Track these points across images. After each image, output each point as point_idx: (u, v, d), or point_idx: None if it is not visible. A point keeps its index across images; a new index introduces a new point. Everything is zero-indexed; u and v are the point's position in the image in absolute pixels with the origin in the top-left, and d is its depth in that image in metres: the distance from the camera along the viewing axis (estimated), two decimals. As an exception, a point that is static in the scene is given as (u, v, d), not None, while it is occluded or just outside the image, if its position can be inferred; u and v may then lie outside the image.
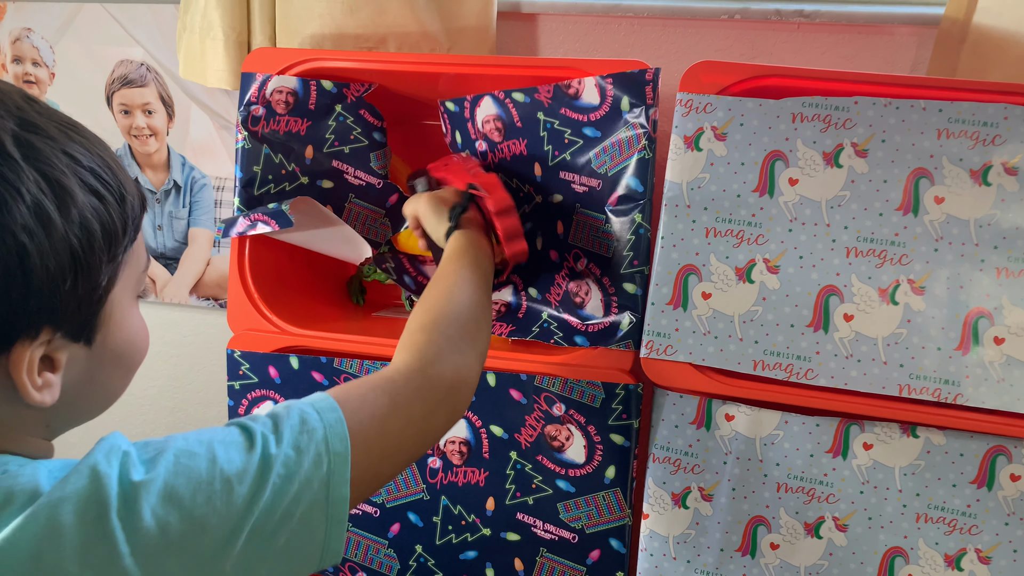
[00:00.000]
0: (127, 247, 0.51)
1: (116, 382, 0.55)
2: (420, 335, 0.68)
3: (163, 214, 1.34)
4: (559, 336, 0.90)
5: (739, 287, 0.84)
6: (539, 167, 0.92)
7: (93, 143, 0.50)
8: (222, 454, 0.49)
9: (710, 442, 0.87)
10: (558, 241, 0.92)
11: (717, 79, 0.85)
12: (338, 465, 0.53)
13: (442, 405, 0.64)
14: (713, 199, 0.84)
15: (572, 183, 0.90)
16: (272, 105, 0.96)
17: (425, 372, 0.64)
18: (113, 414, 1.52)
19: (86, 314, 0.49)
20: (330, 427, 0.54)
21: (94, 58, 1.27)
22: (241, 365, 0.98)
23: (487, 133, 0.93)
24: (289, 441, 0.52)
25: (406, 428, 0.60)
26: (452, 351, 0.68)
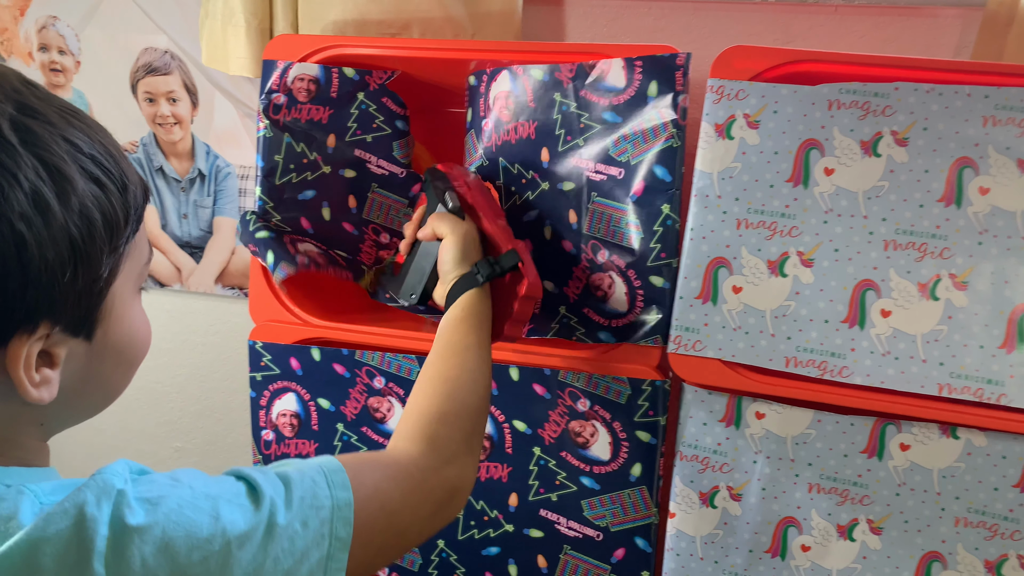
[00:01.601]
0: (129, 238, 0.49)
1: (116, 379, 0.54)
2: (441, 427, 0.66)
3: (188, 203, 1.33)
4: (581, 332, 0.88)
5: (771, 281, 0.81)
6: (547, 152, 0.90)
7: (94, 130, 0.48)
8: (226, 514, 0.47)
9: (739, 440, 0.84)
10: (571, 231, 0.89)
11: (750, 64, 0.82)
12: (337, 551, 0.52)
13: (446, 508, 0.64)
14: (745, 189, 0.81)
15: (586, 170, 0.87)
16: (294, 93, 0.94)
17: (440, 472, 0.63)
18: (140, 402, 1.53)
19: (86, 307, 0.47)
20: (338, 508, 0.53)
21: (119, 46, 1.26)
22: (263, 356, 0.97)
23: (496, 111, 0.91)
24: (298, 513, 0.51)
25: (410, 526, 0.60)
26: (467, 452, 0.67)
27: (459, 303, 0.76)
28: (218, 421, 1.54)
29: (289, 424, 0.98)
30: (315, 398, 0.97)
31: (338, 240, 0.97)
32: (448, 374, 0.70)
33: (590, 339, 0.87)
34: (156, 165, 1.32)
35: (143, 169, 1.33)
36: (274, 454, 1.00)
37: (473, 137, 0.92)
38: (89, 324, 0.48)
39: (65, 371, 0.48)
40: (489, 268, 0.78)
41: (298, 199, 0.95)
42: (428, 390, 0.69)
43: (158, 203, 1.35)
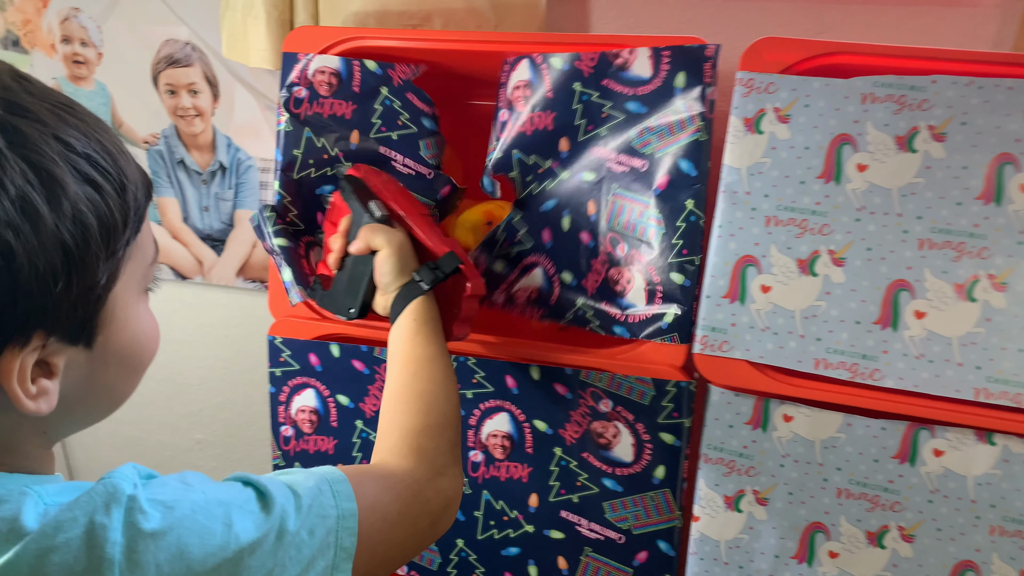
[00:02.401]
0: (129, 240, 0.47)
1: (121, 385, 0.52)
2: (427, 440, 0.66)
3: (209, 195, 1.33)
4: (596, 324, 0.86)
5: (801, 280, 0.79)
6: (567, 142, 0.87)
7: (91, 126, 0.46)
8: (238, 521, 0.47)
9: (766, 444, 0.82)
10: (589, 223, 0.87)
11: (780, 57, 0.79)
12: (342, 561, 0.52)
13: (441, 519, 0.64)
14: (774, 186, 0.79)
15: (608, 161, 0.85)
16: (315, 87, 0.93)
17: (434, 484, 0.63)
18: (163, 394, 1.53)
19: (84, 315, 0.45)
20: (343, 518, 0.53)
21: (140, 38, 1.26)
22: (282, 352, 0.96)
23: (513, 100, 0.89)
24: (306, 521, 0.51)
25: (409, 538, 0.60)
26: (453, 462, 0.68)
27: (409, 313, 0.75)
28: (239, 414, 1.54)
29: (308, 420, 0.97)
30: (334, 394, 0.96)
31: None
32: (421, 388, 0.70)
33: (604, 331, 0.86)
34: (177, 158, 1.32)
35: (164, 162, 1.33)
36: (293, 450, 0.99)
37: (497, 129, 0.90)
38: (88, 332, 0.46)
39: (65, 380, 0.46)
40: (432, 274, 0.77)
41: (316, 195, 0.94)
42: (404, 406, 0.69)
43: (179, 195, 1.34)
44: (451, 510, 0.65)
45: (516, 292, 0.90)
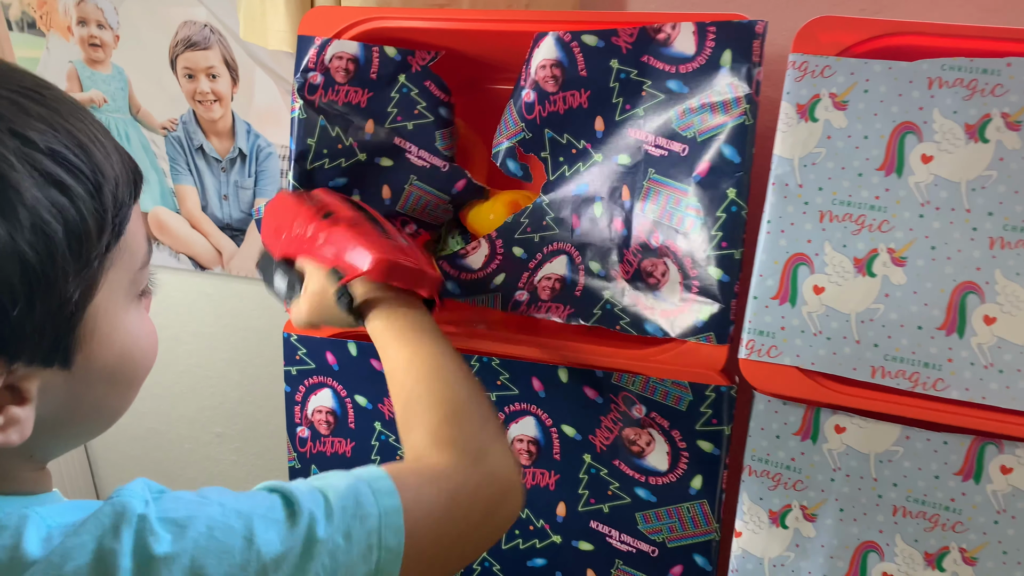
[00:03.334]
0: (109, 246, 0.41)
1: (112, 401, 0.46)
2: (453, 429, 0.59)
3: (229, 183, 1.29)
4: (625, 322, 0.80)
5: (858, 281, 0.72)
6: (602, 121, 0.81)
7: (62, 113, 0.40)
8: (261, 533, 0.42)
9: (816, 456, 0.76)
10: (624, 210, 0.81)
11: (837, 37, 0.72)
12: (388, 563, 0.47)
13: (500, 506, 0.57)
14: (830, 178, 0.73)
15: (644, 143, 0.79)
16: (331, 73, 0.88)
17: (478, 470, 0.57)
18: (182, 386, 1.50)
19: (54, 337, 0.40)
20: (386, 515, 0.47)
21: (157, 19, 1.21)
22: (298, 350, 0.92)
23: (539, 81, 0.82)
24: (339, 525, 0.45)
25: (464, 534, 0.54)
26: (493, 439, 0.61)
27: (383, 342, 0.69)
28: (259, 408, 1.51)
29: (325, 421, 0.93)
30: (352, 395, 0.91)
31: None
32: (427, 383, 0.63)
33: (634, 330, 0.80)
34: (196, 144, 1.28)
35: (183, 149, 1.29)
36: (309, 452, 0.94)
37: (512, 109, 0.84)
38: (64, 352, 0.41)
39: (43, 404, 0.40)
40: (344, 302, 0.71)
41: (329, 186, 0.89)
42: (417, 407, 0.62)
43: (198, 183, 1.30)
44: (511, 495, 0.58)
45: (539, 281, 0.85)
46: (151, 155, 1.31)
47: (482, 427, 0.61)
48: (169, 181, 1.32)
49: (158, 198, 1.34)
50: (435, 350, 0.66)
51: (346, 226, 0.73)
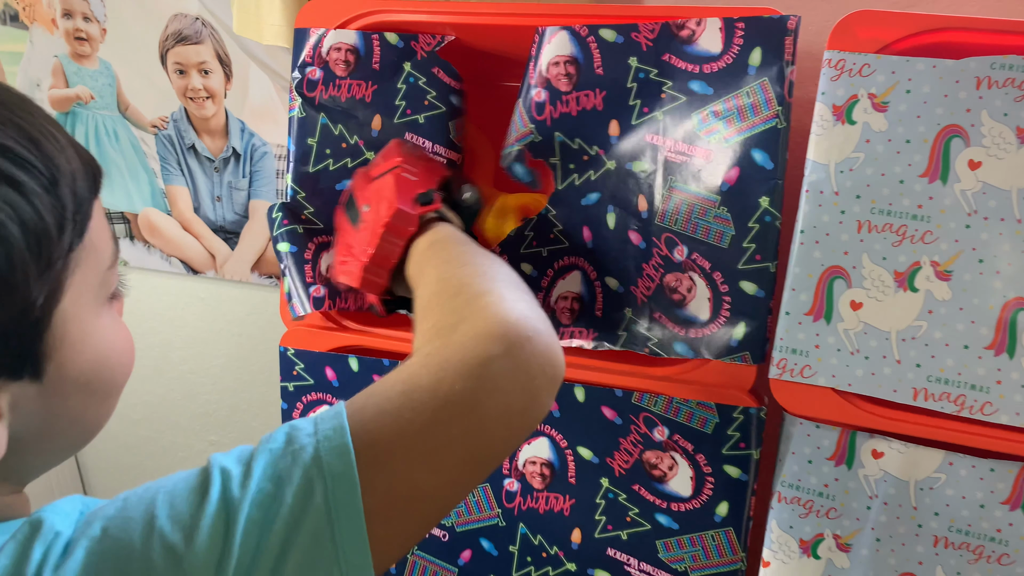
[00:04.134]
0: (72, 245, 0.38)
1: (91, 412, 0.43)
2: (424, 315, 0.49)
3: (222, 184, 1.23)
4: (654, 343, 0.75)
5: (899, 296, 0.67)
6: (617, 125, 0.76)
7: (8, 106, 0.37)
8: (164, 511, 0.36)
9: (851, 482, 0.71)
10: (640, 221, 0.76)
11: (877, 33, 0.67)
12: (340, 492, 0.37)
13: (489, 372, 0.41)
14: (868, 185, 0.67)
15: (664, 149, 0.74)
16: (330, 66, 0.82)
17: (449, 339, 0.43)
18: (175, 393, 1.44)
19: (21, 346, 0.37)
20: (324, 440, 0.38)
21: (146, 12, 1.15)
22: (295, 365, 0.86)
23: (551, 79, 0.77)
24: (264, 470, 0.37)
25: (435, 423, 0.39)
26: (474, 300, 0.46)
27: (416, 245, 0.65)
28: (254, 416, 1.45)
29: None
30: (353, 413, 0.86)
31: None
32: (437, 287, 0.52)
33: (664, 351, 0.74)
34: (188, 143, 1.22)
35: (174, 148, 1.23)
36: (308, 472, 0.89)
37: (521, 109, 0.79)
38: (33, 362, 0.38)
39: (16, 419, 0.38)
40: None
41: (336, 189, 0.84)
42: (421, 315, 0.51)
43: (190, 184, 1.25)
44: (510, 352, 0.41)
45: (555, 302, 0.79)
46: (141, 154, 1.25)
47: (457, 294, 0.48)
48: (160, 181, 1.26)
49: (148, 199, 1.28)
50: (439, 260, 0.58)
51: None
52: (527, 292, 0.50)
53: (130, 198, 1.29)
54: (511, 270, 0.54)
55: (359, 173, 0.77)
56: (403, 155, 0.75)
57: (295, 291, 0.82)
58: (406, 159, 0.74)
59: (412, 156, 0.76)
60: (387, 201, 0.67)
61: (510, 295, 0.46)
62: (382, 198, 0.68)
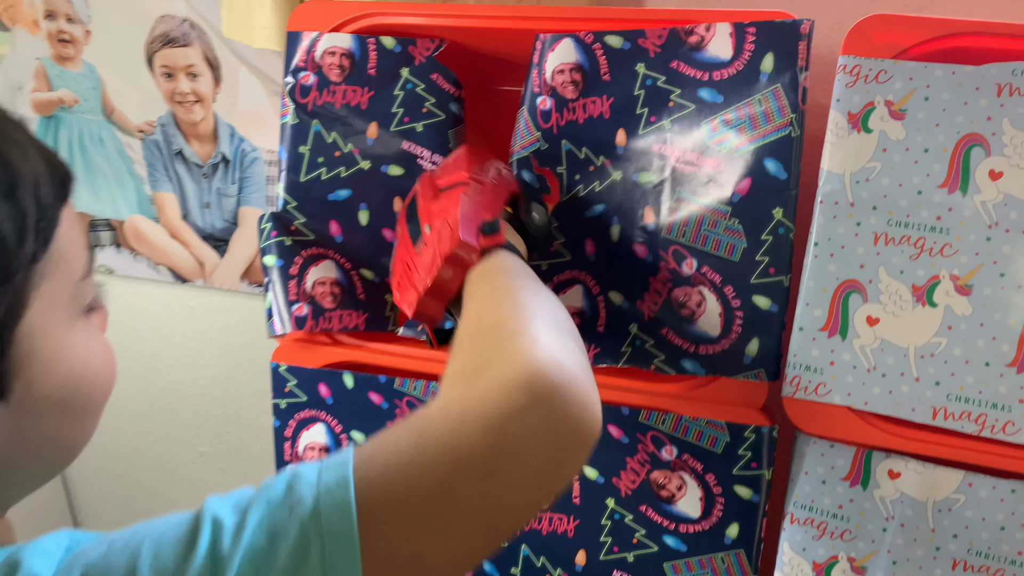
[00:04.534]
0: (36, 255, 0.36)
1: (67, 432, 0.40)
2: (453, 359, 0.45)
3: (211, 191, 1.20)
4: (660, 359, 0.72)
5: (917, 311, 0.65)
6: (624, 135, 0.73)
7: None
8: (148, 561, 0.33)
9: (866, 503, 0.69)
10: (646, 233, 0.73)
11: (893, 38, 0.65)
12: (338, 554, 0.33)
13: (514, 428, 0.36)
14: (885, 196, 0.65)
15: (672, 159, 0.71)
16: (324, 71, 0.79)
17: (471, 386, 0.39)
18: (163, 404, 1.40)
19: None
20: (326, 493, 0.34)
21: (133, 13, 1.12)
22: (287, 381, 0.83)
23: (557, 87, 0.74)
24: (260, 521, 0.34)
25: (448, 481, 0.35)
26: (504, 342, 0.41)
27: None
28: (244, 427, 1.42)
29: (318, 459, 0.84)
30: (348, 431, 0.83)
31: (371, 251, 0.81)
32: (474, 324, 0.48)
33: (672, 368, 0.72)
34: (175, 148, 1.19)
35: (161, 154, 1.20)
36: (301, 491, 0.86)
37: (526, 116, 0.76)
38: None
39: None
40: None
41: (328, 199, 0.80)
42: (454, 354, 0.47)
43: (178, 190, 1.21)
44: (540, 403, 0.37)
45: None
46: (127, 160, 1.22)
47: (490, 334, 0.43)
48: (147, 188, 1.23)
49: (135, 206, 1.25)
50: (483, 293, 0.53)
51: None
52: (570, 334, 0.45)
53: (116, 205, 1.26)
54: (559, 307, 0.50)
55: (425, 178, 0.71)
56: (471, 168, 0.70)
57: (276, 307, 0.79)
58: (474, 173, 0.69)
59: (481, 169, 0.71)
60: (450, 229, 0.61)
61: (546, 337, 0.41)
62: (445, 223, 0.62)
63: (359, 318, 0.80)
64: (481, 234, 0.60)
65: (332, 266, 0.80)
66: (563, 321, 0.47)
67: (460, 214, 0.62)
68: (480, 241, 0.60)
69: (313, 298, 0.79)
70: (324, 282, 0.80)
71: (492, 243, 0.60)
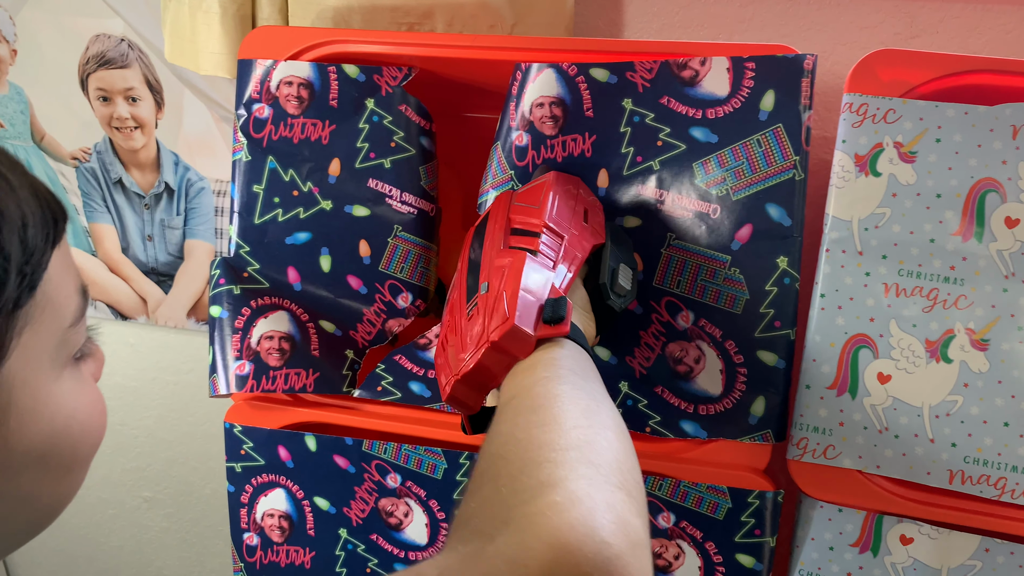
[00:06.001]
0: (20, 301, 0.33)
1: (48, 488, 0.37)
2: (465, 502, 0.37)
3: (153, 222, 1.11)
4: (656, 421, 0.67)
5: (931, 367, 0.60)
6: (606, 175, 0.68)
7: None
8: None
9: (877, 570, 0.64)
10: None
11: (901, 75, 0.61)
12: None
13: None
14: (896, 244, 0.60)
15: (659, 201, 0.66)
16: (281, 102, 0.72)
17: (486, 549, 0.31)
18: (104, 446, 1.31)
19: None
20: None
21: (64, 31, 1.03)
22: (243, 443, 0.76)
23: (535, 121, 0.68)
24: None
25: None
26: (535, 494, 0.33)
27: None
28: (193, 470, 1.33)
29: (278, 527, 0.77)
30: (310, 496, 0.75)
31: (333, 301, 0.74)
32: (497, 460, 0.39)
33: (669, 431, 0.66)
34: (114, 177, 1.09)
35: (98, 183, 1.10)
36: (259, 561, 0.78)
37: (499, 153, 0.70)
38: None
39: None
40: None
41: (286, 243, 0.73)
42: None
43: (117, 222, 1.12)
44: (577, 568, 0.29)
45: None
46: (60, 189, 1.12)
47: (519, 473, 0.35)
48: (82, 219, 1.13)
49: (70, 238, 1.15)
50: (523, 401, 0.43)
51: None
52: (628, 483, 0.36)
53: (48, 237, 1.15)
54: (620, 435, 0.40)
55: (503, 201, 0.61)
56: (553, 206, 0.58)
57: (219, 364, 0.72)
58: (553, 217, 0.57)
59: (565, 207, 0.59)
60: (504, 307, 0.49)
61: (591, 492, 0.32)
62: (501, 295, 0.50)
63: (308, 378, 0.72)
64: (541, 321, 0.49)
65: (285, 318, 0.73)
66: (623, 458, 0.37)
67: (522, 288, 0.50)
68: (539, 330, 0.49)
69: (258, 354, 0.72)
70: (272, 336, 0.72)
71: (554, 333, 0.49)
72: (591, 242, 0.59)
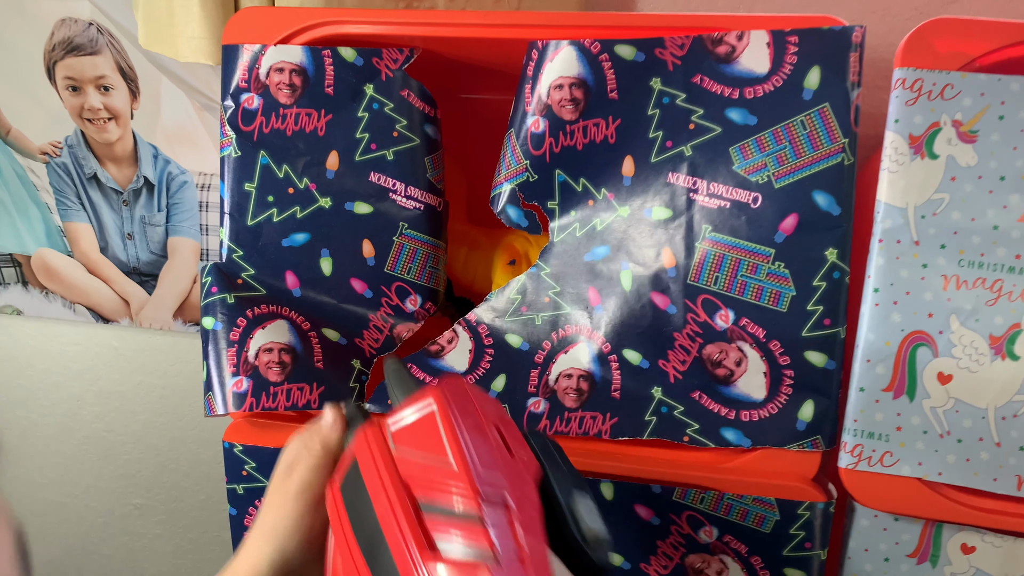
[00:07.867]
0: None
1: None
2: None
3: (133, 219, 1.04)
4: (694, 429, 0.62)
5: (996, 365, 0.56)
6: (631, 163, 0.62)
7: None
8: None
9: (935, 582, 0.60)
10: (666, 279, 0.62)
11: (960, 46, 0.55)
12: None
13: None
14: (955, 232, 0.55)
15: (693, 192, 0.61)
16: (272, 91, 0.66)
17: None
18: (88, 454, 1.23)
19: None
20: None
21: (25, 16, 0.95)
22: (244, 464, 0.70)
23: (553, 105, 0.62)
24: None
25: None
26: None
27: None
28: (185, 475, 1.27)
29: None
30: (320, 517, 0.70)
31: (336, 307, 0.68)
32: None
33: (709, 439, 0.61)
34: (88, 172, 1.02)
35: (71, 179, 1.03)
36: (266, 586, 0.73)
37: (513, 141, 0.64)
38: None
39: None
40: None
41: (282, 245, 0.67)
42: None
43: (94, 220, 1.05)
44: None
45: (556, 382, 0.65)
46: (30, 186, 1.05)
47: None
48: (57, 218, 1.06)
49: (43, 238, 1.08)
50: None
51: None
52: None
53: (20, 237, 1.08)
54: None
55: (370, 442, 0.40)
56: (473, 462, 0.37)
57: (214, 381, 0.66)
58: (483, 475, 0.37)
59: (484, 452, 0.38)
60: None
61: None
62: None
63: (312, 393, 0.67)
64: None
65: (284, 328, 0.67)
66: None
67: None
68: None
69: (256, 369, 0.66)
70: (271, 348, 0.66)
71: None
72: (532, 485, 0.40)
